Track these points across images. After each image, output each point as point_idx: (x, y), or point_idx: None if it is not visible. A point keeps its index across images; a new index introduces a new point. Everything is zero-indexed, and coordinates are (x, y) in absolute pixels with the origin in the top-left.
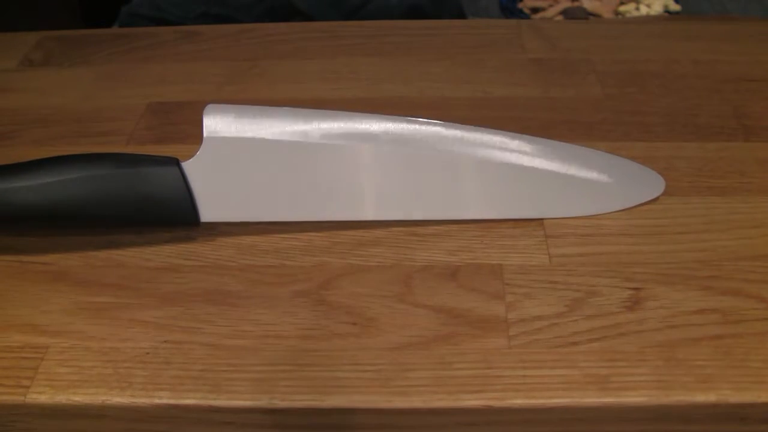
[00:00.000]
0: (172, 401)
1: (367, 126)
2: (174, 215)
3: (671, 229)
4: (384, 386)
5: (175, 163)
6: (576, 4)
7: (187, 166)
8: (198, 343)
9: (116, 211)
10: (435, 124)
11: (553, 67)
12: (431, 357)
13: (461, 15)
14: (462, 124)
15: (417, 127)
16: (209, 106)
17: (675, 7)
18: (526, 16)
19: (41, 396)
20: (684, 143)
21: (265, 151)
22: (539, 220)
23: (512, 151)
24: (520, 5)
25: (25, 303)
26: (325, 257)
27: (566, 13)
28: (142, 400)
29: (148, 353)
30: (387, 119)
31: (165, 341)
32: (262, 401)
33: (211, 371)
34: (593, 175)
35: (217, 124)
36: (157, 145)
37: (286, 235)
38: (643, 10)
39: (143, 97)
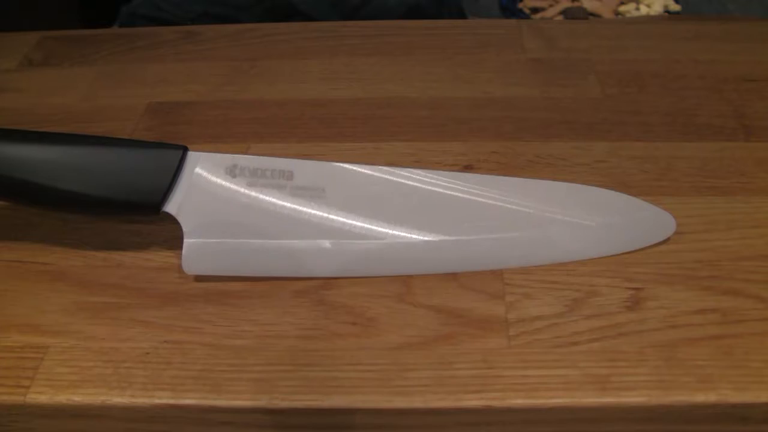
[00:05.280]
0: (172, 401)
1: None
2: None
3: None
4: (384, 386)
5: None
6: (576, 4)
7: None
8: (198, 343)
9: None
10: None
11: (553, 67)
12: (431, 357)
13: (461, 15)
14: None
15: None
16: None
17: (675, 7)
18: (526, 16)
19: (41, 396)
20: (684, 143)
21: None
22: None
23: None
24: (520, 5)
25: (25, 303)
26: None
27: (566, 13)
28: (142, 400)
29: (148, 353)
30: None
31: (165, 341)
32: (262, 401)
33: (211, 371)
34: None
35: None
36: None
37: None
38: (643, 10)
39: (143, 97)
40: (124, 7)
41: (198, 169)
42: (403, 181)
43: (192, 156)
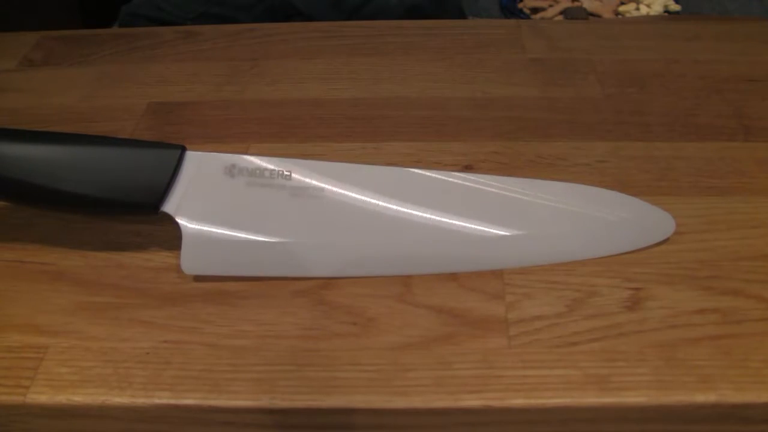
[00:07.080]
0: (172, 401)
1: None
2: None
3: None
4: (384, 386)
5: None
6: (576, 4)
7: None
8: (198, 343)
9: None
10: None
11: (553, 67)
12: (431, 357)
13: (461, 15)
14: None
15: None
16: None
17: (675, 7)
18: (526, 16)
19: (41, 396)
20: (684, 143)
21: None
22: None
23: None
24: (520, 5)
25: (25, 303)
26: None
27: (566, 13)
28: (142, 400)
29: (148, 353)
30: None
31: (165, 341)
32: (262, 401)
33: (211, 371)
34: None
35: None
36: None
37: None
38: (643, 10)
39: (143, 97)
40: (124, 7)
41: (196, 169)
42: (402, 181)
43: (190, 156)
